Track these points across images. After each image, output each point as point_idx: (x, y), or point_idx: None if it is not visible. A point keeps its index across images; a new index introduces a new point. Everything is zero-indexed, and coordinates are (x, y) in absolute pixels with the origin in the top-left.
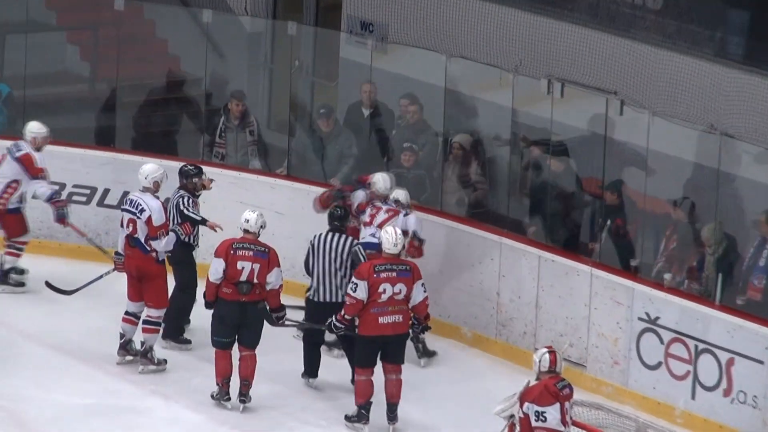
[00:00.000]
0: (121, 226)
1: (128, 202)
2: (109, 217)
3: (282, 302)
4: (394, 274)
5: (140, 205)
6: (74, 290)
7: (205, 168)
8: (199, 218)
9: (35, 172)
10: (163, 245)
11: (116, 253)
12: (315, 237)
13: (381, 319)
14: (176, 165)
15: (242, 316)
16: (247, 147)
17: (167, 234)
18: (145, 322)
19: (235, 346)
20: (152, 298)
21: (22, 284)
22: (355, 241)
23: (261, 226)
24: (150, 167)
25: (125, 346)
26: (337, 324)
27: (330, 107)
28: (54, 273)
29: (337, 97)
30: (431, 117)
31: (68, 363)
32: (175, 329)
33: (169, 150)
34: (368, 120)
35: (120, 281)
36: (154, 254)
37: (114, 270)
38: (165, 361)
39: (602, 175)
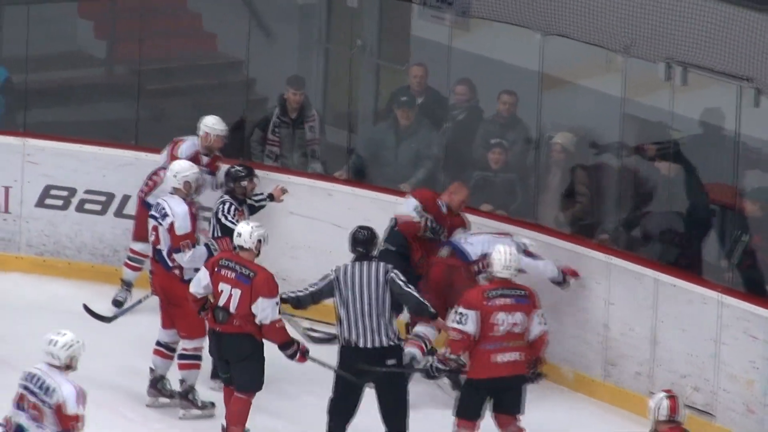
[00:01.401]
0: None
1: (154, 206)
2: (129, 230)
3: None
4: (511, 300)
5: (164, 209)
6: (114, 317)
7: None
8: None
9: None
10: (187, 260)
11: (150, 271)
12: (338, 269)
13: (497, 358)
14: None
15: (219, 349)
16: (306, 146)
17: (193, 246)
18: (180, 356)
19: None
20: (182, 326)
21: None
22: (390, 267)
23: (259, 241)
24: (181, 164)
25: (156, 384)
26: (440, 366)
27: (413, 96)
28: (61, 296)
29: (408, 82)
30: (521, 108)
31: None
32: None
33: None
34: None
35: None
36: (177, 271)
37: (152, 292)
38: (212, 404)
39: (734, 179)
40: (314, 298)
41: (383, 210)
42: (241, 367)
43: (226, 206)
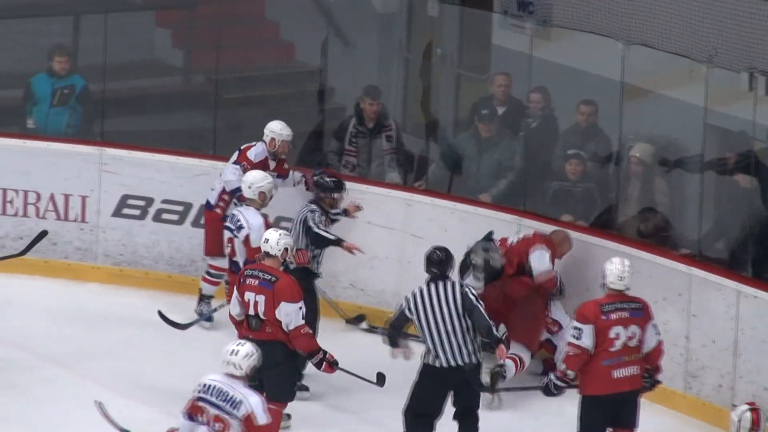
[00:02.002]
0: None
1: (229, 218)
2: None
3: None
4: (626, 314)
5: (239, 221)
6: (189, 324)
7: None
8: (332, 237)
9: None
10: None
11: (225, 281)
12: (412, 295)
13: (616, 373)
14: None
15: None
16: (384, 156)
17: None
18: None
19: None
20: None
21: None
22: (463, 283)
23: (285, 249)
24: (256, 174)
25: None
26: (558, 383)
27: (494, 109)
28: (137, 307)
29: (489, 92)
30: (603, 118)
31: (154, 416)
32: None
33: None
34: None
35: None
36: None
37: (227, 303)
38: (288, 416)
39: None
40: (399, 328)
41: (462, 221)
42: (272, 375)
43: (317, 215)
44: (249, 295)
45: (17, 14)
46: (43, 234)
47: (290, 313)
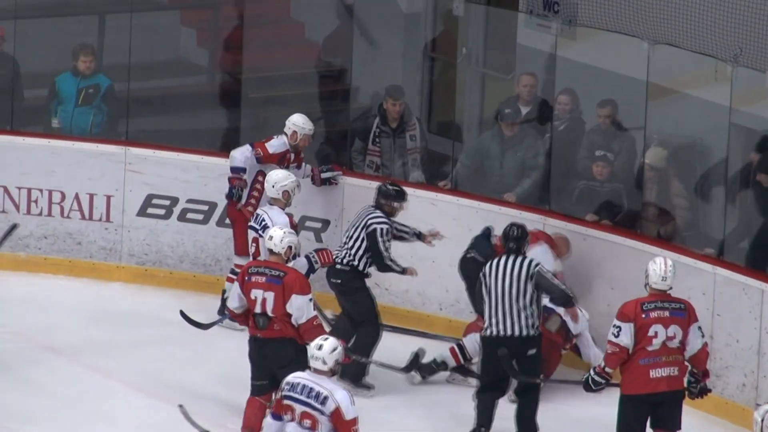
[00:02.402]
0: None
1: (254, 218)
2: (230, 239)
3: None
4: (667, 313)
5: (264, 220)
6: (211, 324)
7: (353, 180)
8: (398, 269)
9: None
10: None
11: None
12: (490, 263)
13: (653, 373)
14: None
15: (260, 355)
16: (407, 155)
17: (292, 258)
18: None
19: None
20: None
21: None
22: (536, 262)
23: (289, 247)
24: (279, 174)
25: None
26: (597, 379)
27: (517, 108)
28: (162, 306)
29: (514, 92)
30: (628, 117)
31: (179, 416)
32: (356, 371)
33: (305, 157)
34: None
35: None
36: None
37: None
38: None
39: None
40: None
41: (486, 220)
42: (284, 374)
43: (386, 234)
44: (256, 293)
45: (42, 13)
46: (14, 227)
47: (302, 306)
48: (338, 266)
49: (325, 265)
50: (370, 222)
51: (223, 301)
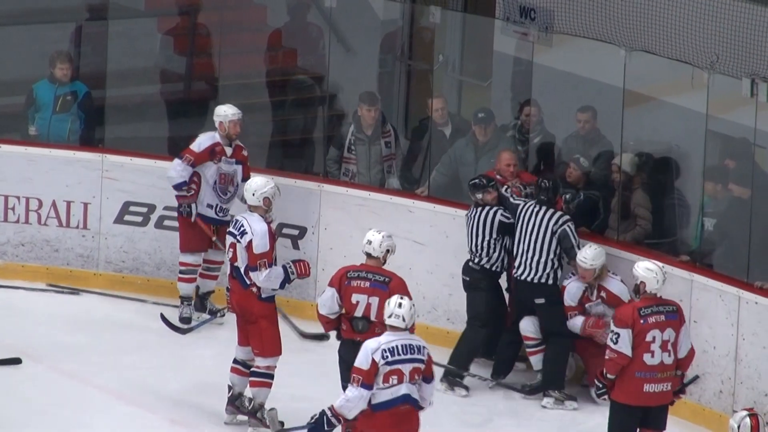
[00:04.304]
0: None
1: (233, 223)
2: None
3: None
4: (663, 317)
5: (243, 226)
6: (189, 328)
7: (329, 187)
8: None
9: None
10: (263, 279)
11: (227, 288)
12: (523, 205)
13: (647, 387)
14: (290, 183)
15: (354, 358)
16: (383, 162)
17: (270, 266)
18: (252, 373)
19: None
20: (257, 343)
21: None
22: (565, 218)
23: (387, 251)
24: (258, 181)
25: (234, 402)
26: (599, 386)
27: (490, 112)
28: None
29: (491, 99)
30: (604, 124)
31: (157, 423)
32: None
33: (284, 164)
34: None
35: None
36: (254, 289)
37: (228, 308)
38: (282, 423)
39: None
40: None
41: (462, 227)
42: None
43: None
44: (359, 297)
45: (19, 21)
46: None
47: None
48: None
49: (301, 277)
50: (486, 216)
51: (199, 299)
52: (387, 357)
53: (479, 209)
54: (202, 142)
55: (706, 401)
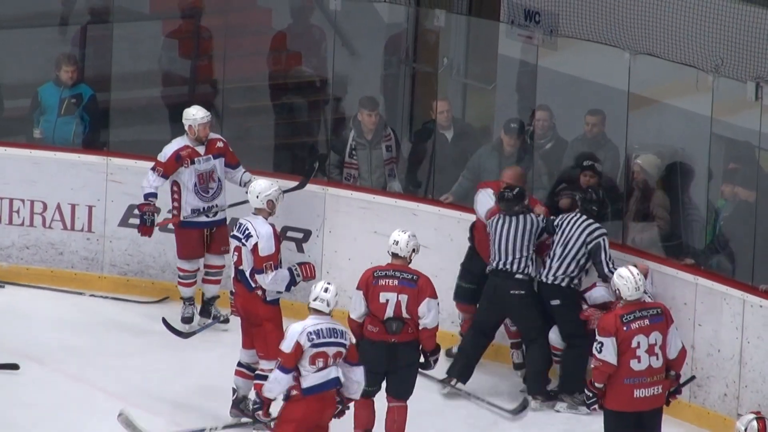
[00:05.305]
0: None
1: (237, 227)
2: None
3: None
4: (647, 321)
5: (247, 230)
6: (191, 333)
7: (334, 190)
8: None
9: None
10: (269, 282)
11: (231, 292)
12: (561, 217)
13: (637, 392)
14: (293, 185)
15: (391, 361)
16: (384, 166)
17: (276, 268)
18: (257, 376)
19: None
20: (261, 346)
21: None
22: (602, 232)
23: (413, 250)
24: (262, 183)
25: (239, 405)
26: (589, 395)
27: (521, 123)
28: (144, 316)
29: (495, 102)
30: (609, 127)
31: (161, 426)
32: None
33: (289, 167)
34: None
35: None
36: (260, 292)
37: (233, 312)
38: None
39: None
40: None
41: (467, 231)
42: (406, 373)
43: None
44: (388, 296)
45: (24, 24)
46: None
47: (432, 309)
48: None
49: (307, 279)
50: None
51: (203, 305)
52: (313, 339)
53: (519, 217)
54: (166, 151)
55: (711, 404)
